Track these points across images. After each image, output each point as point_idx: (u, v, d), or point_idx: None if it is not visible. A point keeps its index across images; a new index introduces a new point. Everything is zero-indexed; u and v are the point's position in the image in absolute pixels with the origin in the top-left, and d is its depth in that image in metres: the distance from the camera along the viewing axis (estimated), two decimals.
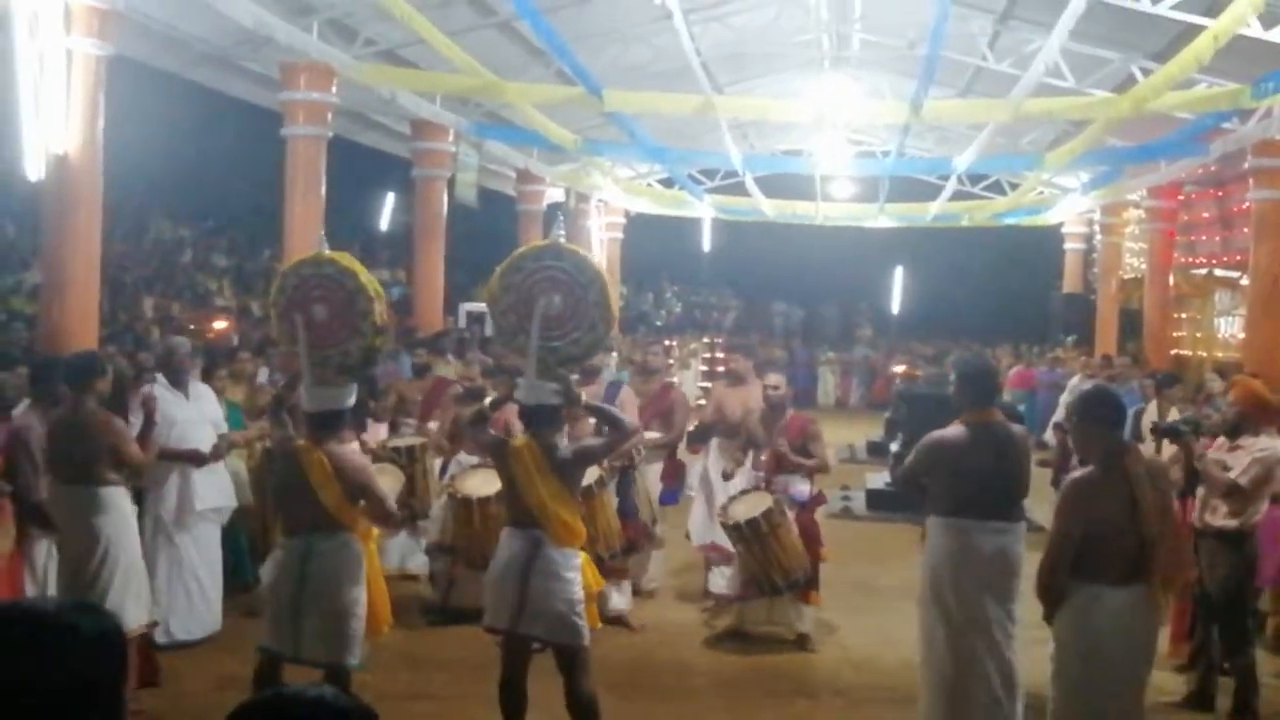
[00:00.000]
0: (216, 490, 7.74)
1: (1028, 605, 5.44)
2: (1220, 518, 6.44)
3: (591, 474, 7.87)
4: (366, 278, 5.73)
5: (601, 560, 7.57)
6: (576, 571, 5.53)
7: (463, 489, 7.91)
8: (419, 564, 8.99)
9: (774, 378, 8.52)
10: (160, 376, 8.14)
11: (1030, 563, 5.29)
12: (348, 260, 5.79)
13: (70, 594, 6.12)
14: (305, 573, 5.47)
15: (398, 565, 9.01)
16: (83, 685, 1.66)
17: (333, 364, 5.68)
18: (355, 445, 7.54)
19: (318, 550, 5.48)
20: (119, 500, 6.36)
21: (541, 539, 5.44)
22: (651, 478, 9.10)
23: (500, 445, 5.74)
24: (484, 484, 7.82)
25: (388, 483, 7.20)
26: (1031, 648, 5.69)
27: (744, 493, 7.89)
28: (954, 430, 5.68)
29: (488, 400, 6.31)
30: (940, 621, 5.55)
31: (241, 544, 8.58)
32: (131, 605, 6.24)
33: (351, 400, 5.80)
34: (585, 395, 7.48)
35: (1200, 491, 6.60)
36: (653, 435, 9.30)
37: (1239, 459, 6.41)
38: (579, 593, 5.49)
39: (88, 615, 1.74)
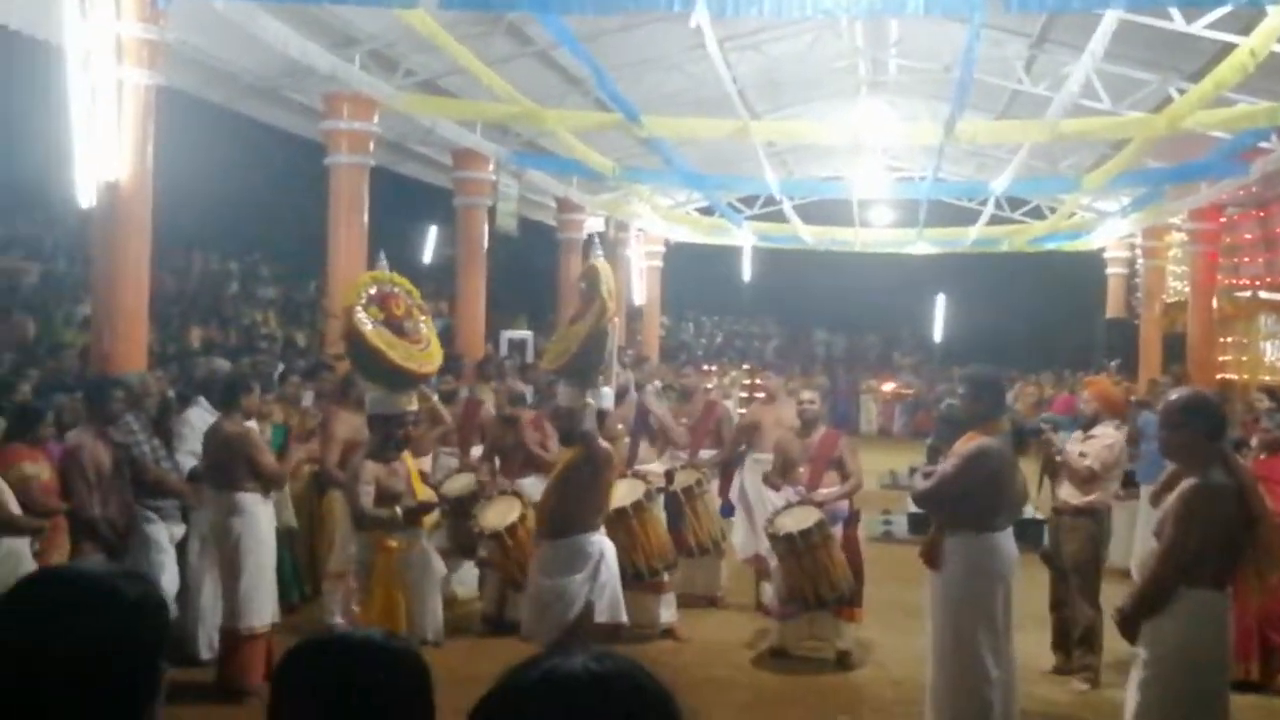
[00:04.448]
0: None
1: None
2: (1075, 498, 7.46)
3: (637, 490, 8.07)
4: None
5: (656, 572, 8.03)
6: None
7: (486, 525, 8.05)
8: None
9: (808, 394, 8.59)
10: (202, 399, 8.34)
11: None
12: None
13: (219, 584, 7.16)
14: None
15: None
16: (120, 646, 1.71)
17: None
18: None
19: None
20: (253, 506, 7.06)
21: None
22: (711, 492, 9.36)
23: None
24: (505, 514, 8.07)
25: None
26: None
27: (789, 506, 7.93)
28: (992, 442, 5.76)
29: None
30: (989, 633, 5.72)
31: (286, 565, 8.70)
32: (259, 602, 6.93)
33: None
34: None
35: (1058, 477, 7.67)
36: (708, 453, 9.49)
37: (1091, 446, 7.51)
38: None
39: (132, 581, 1.80)
